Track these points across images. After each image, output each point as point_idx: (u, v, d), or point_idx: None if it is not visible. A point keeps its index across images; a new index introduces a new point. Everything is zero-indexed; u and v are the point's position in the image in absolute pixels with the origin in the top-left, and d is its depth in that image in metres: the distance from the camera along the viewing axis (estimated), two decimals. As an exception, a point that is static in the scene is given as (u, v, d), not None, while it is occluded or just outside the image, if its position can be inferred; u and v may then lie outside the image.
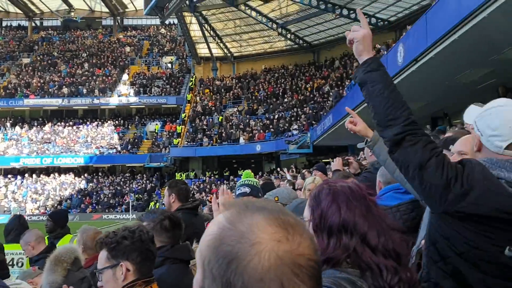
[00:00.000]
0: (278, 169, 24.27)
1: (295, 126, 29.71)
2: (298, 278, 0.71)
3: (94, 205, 34.98)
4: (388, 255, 1.30)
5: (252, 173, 3.91)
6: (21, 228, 5.05)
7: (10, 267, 4.22)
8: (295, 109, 32.07)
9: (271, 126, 32.10)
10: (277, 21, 32.95)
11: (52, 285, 2.64)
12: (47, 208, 34.19)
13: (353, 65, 29.34)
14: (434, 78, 12.05)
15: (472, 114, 2.09)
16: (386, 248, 1.30)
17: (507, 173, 1.68)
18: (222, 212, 0.79)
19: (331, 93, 28.44)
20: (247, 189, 3.33)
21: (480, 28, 8.41)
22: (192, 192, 25.90)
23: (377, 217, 1.35)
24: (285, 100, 34.17)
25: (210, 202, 15.00)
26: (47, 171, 39.30)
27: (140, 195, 35.18)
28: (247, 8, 31.32)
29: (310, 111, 29.46)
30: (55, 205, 34.30)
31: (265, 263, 0.70)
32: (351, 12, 28.23)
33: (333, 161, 6.37)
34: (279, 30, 33.75)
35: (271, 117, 33.11)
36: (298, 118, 30.42)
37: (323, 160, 20.41)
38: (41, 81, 43.44)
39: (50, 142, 39.95)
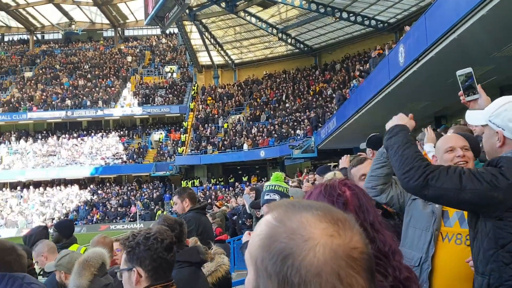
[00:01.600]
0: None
1: (299, 131, 29.73)
2: (354, 270, 0.72)
3: (101, 215, 35.05)
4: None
5: (282, 176, 3.67)
6: (41, 236, 5.11)
7: None
8: (297, 113, 32.11)
9: (274, 132, 32.14)
10: (277, 26, 33.05)
11: None
12: (54, 221, 34.29)
13: (355, 67, 29.37)
14: (436, 77, 12.05)
15: (476, 116, 2.17)
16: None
17: None
18: (267, 214, 0.81)
19: (334, 96, 28.45)
20: (276, 197, 3.22)
21: (480, 25, 8.43)
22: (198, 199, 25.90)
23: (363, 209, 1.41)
24: (287, 105, 34.22)
25: (218, 207, 14.99)
26: (53, 183, 39.45)
27: (148, 203, 35.29)
28: (246, 14, 31.45)
29: (313, 115, 29.47)
30: (62, 217, 34.35)
31: (320, 257, 0.71)
32: (351, 15, 28.32)
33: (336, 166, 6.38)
34: (280, 35, 33.84)
35: (274, 122, 33.15)
36: (301, 123, 30.44)
37: (328, 164, 20.37)
38: (44, 94, 43.69)
39: (55, 155, 40.11)
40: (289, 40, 35.11)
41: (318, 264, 0.71)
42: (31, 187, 39.23)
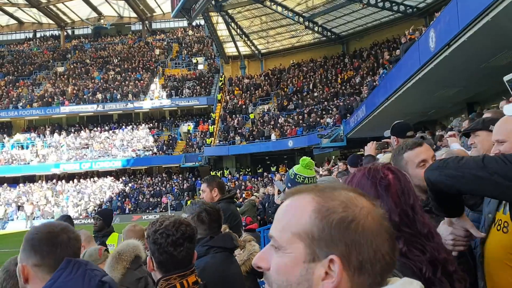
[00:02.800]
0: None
1: (327, 120, 29.51)
2: (393, 234, 0.89)
3: (133, 206, 35.79)
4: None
5: (312, 163, 3.73)
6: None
7: None
8: (326, 102, 31.86)
9: (302, 121, 32.00)
10: (303, 14, 32.72)
11: None
12: (88, 211, 35.22)
13: (383, 54, 28.87)
14: (468, 62, 11.76)
15: None
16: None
17: None
18: (295, 196, 0.92)
19: (363, 83, 28.07)
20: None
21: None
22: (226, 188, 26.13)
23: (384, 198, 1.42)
24: (315, 94, 33.98)
25: (246, 197, 15.11)
26: (86, 175, 40.47)
27: (178, 193, 35.85)
28: (272, 3, 31.26)
29: (342, 104, 29.18)
30: (96, 208, 35.25)
31: (376, 221, 0.86)
32: (379, 1, 27.78)
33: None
34: (306, 23, 33.51)
35: (302, 112, 32.99)
36: (330, 111, 30.20)
37: (358, 153, 20.21)
38: (76, 88, 44.68)
39: (87, 147, 41.09)
40: (316, 28, 34.74)
41: (376, 227, 0.85)
42: (65, 179, 40.35)
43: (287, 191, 0.95)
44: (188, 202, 30.03)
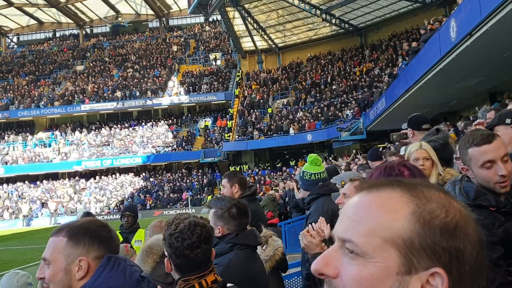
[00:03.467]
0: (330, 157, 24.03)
1: (347, 113, 29.29)
2: (485, 242, 0.78)
3: (154, 201, 36.16)
4: None
5: (319, 157, 3.80)
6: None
7: None
8: (345, 95, 31.61)
9: (321, 115, 31.83)
10: (320, 7, 32.45)
11: None
12: (110, 207, 35.73)
13: (402, 46, 28.46)
14: (491, 51, 11.52)
15: None
16: None
17: None
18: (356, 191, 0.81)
19: (384, 75, 27.76)
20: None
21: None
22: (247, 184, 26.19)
23: None
24: (334, 87, 33.74)
25: (266, 192, 15.10)
26: (107, 172, 41.04)
27: (198, 188, 36.09)
28: (289, -3, 31.10)
29: (361, 96, 28.92)
30: (118, 204, 35.75)
31: (473, 227, 0.75)
32: (397, -9, 27.39)
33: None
34: (323, 16, 33.24)
35: (321, 105, 32.81)
36: (349, 104, 29.96)
37: (378, 146, 20.05)
38: (96, 86, 45.26)
39: (108, 144, 41.64)
40: (333, 21, 34.44)
41: (474, 232, 0.74)
42: (86, 176, 40.99)
43: (355, 185, 0.90)
44: (209, 198, 30.08)
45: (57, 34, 59.41)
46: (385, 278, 0.71)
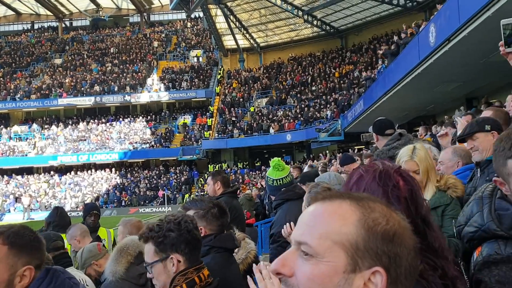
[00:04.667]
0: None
1: (325, 114, 29.48)
2: (418, 250, 0.91)
3: (130, 199, 35.74)
4: None
5: (281, 161, 3.81)
6: (60, 219, 5.13)
7: None
8: (324, 96, 31.80)
9: (300, 115, 31.96)
10: (302, 8, 32.56)
11: (114, 275, 2.64)
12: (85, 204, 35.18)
13: (382, 48, 28.76)
14: (468, 57, 11.71)
15: None
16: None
17: None
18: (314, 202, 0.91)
19: (361, 79, 28.02)
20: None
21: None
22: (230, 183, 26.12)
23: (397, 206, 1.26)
24: (314, 88, 33.91)
25: (243, 191, 15.08)
26: (83, 167, 40.41)
27: (175, 186, 35.79)
28: (272, -4, 31.12)
29: (340, 98, 29.14)
30: (93, 200, 35.22)
31: (409, 235, 0.87)
32: (378, -6, 27.68)
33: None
34: (305, 17, 33.36)
35: (301, 105, 32.94)
36: (328, 106, 30.16)
37: (355, 147, 20.20)
38: (74, 80, 44.48)
39: (85, 140, 40.99)
40: (315, 22, 34.61)
41: (410, 240, 0.86)
42: (62, 171, 40.29)
43: (312, 196, 0.90)
44: (186, 196, 29.86)
45: (36, 26, 58.18)
46: (334, 275, 0.82)
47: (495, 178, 1.56)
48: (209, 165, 36.21)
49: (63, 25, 55.75)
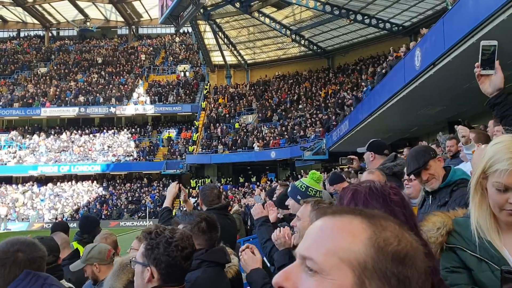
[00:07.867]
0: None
1: (310, 133, 29.66)
2: (429, 274, 0.85)
3: (111, 211, 35.20)
4: None
5: (321, 177, 3.74)
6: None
7: None
8: (309, 115, 32.05)
9: (285, 133, 32.10)
10: (290, 27, 33.00)
11: None
12: (65, 215, 34.55)
13: (368, 70, 29.23)
14: (452, 82, 11.96)
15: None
16: None
17: None
18: (318, 217, 0.87)
19: (346, 98, 28.34)
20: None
21: (500, 30, 8.34)
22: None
23: (398, 215, 1.29)
24: (300, 106, 34.16)
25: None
26: (64, 178, 39.79)
27: (158, 200, 35.38)
28: (260, 15, 31.45)
29: (325, 117, 29.39)
30: (73, 213, 34.65)
31: (421, 259, 0.82)
32: (365, 17, 28.21)
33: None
34: (293, 36, 33.78)
35: (286, 123, 33.11)
36: (314, 125, 30.37)
37: (340, 167, 20.29)
38: (58, 90, 44.06)
39: (67, 150, 40.45)
40: (302, 42, 35.05)
41: (421, 263, 0.81)
42: (43, 182, 39.61)
43: (320, 210, 0.88)
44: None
45: (22, 34, 57.72)
46: None
47: None
48: (192, 180, 35.99)
49: (50, 34, 55.42)
